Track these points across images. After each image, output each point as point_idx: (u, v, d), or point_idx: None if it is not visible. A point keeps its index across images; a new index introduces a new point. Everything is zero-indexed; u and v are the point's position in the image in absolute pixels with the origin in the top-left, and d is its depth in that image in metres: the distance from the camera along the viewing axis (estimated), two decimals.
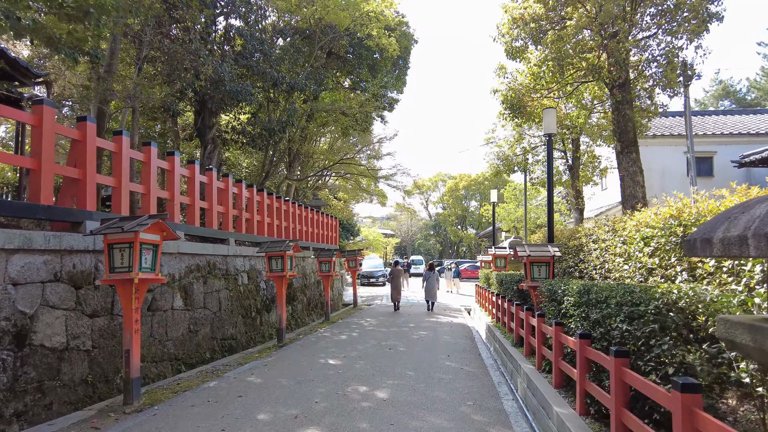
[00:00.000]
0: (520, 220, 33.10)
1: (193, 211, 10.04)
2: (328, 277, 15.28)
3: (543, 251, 9.32)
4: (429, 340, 11.00)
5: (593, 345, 5.32)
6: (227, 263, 11.11)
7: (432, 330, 12.73)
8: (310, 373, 7.52)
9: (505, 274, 13.17)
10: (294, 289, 15.43)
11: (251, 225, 12.95)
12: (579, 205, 16.09)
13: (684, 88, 10.08)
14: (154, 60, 12.10)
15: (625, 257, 6.92)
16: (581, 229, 9.69)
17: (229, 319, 10.78)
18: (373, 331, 12.36)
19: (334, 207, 32.41)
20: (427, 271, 18.11)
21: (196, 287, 9.65)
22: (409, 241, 74.92)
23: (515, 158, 18.54)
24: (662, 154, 19.78)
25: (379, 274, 36.09)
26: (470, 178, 66.96)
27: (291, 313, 14.79)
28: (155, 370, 8.13)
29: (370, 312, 17.79)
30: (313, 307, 17.43)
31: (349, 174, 20.32)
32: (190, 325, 9.34)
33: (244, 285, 11.83)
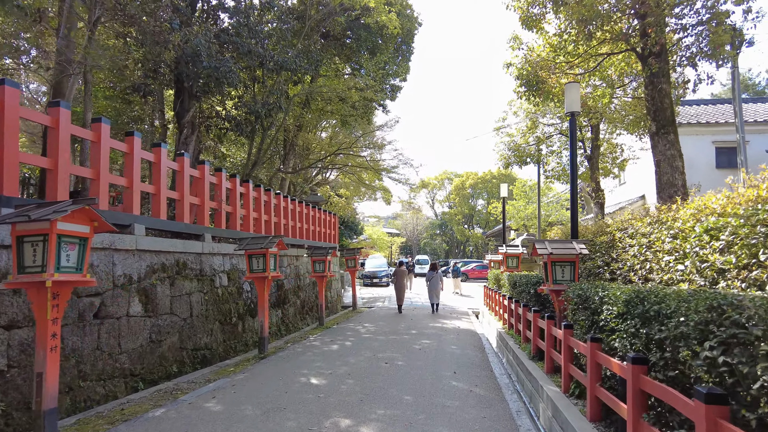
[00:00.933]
0: (530, 217, 31.60)
1: (158, 201, 8.67)
2: (322, 277, 13.88)
3: (567, 249, 7.86)
4: (432, 351, 9.57)
5: (653, 374, 3.89)
6: (202, 262, 9.74)
7: (436, 338, 11.30)
8: (284, 398, 6.12)
9: (518, 275, 11.73)
10: (285, 291, 14.05)
11: (233, 220, 11.58)
12: (599, 199, 14.59)
13: (731, 59, 8.58)
14: (125, 36, 10.77)
15: (678, 255, 5.46)
16: (612, 222, 8.22)
17: (202, 327, 9.41)
18: (369, 340, 10.95)
19: (335, 204, 31.04)
20: (430, 271, 17.14)
21: (160, 290, 8.28)
22: (414, 240, 73.46)
23: (528, 149, 17.07)
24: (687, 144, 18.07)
25: (382, 275, 34.68)
26: (477, 176, 65.46)
27: (281, 318, 13.42)
28: (102, 390, 6.76)
29: (370, 316, 16.38)
30: (308, 311, 16.05)
31: (350, 166, 18.86)
32: (151, 334, 7.96)
33: (222, 287, 10.45)
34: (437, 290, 16.90)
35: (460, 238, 65.68)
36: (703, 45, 8.48)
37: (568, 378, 6.28)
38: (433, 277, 16.80)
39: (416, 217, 74.56)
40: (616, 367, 4.44)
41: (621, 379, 4.44)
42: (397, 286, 17.30)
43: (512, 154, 17.01)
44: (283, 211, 14.85)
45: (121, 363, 7.24)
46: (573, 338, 6.10)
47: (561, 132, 16.56)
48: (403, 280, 17.38)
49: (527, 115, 16.54)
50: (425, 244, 71.24)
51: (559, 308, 7.80)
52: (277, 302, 13.34)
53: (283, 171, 17.37)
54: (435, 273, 16.88)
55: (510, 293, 12.34)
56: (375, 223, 62.07)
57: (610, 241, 7.87)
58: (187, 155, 9.52)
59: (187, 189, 9.55)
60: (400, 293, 17.14)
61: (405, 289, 17.56)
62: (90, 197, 5.78)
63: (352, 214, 32.44)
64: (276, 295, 13.31)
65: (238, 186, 11.65)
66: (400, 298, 17.12)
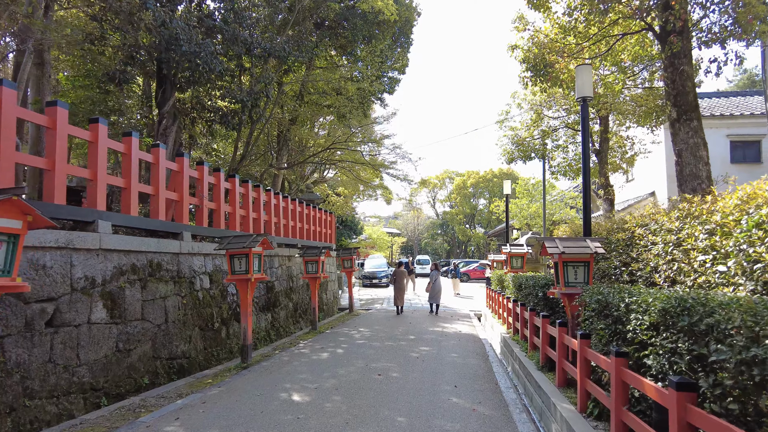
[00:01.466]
0: (534, 216, 30.73)
1: (128, 196, 7.87)
2: (315, 279, 13.07)
3: (581, 247, 7.03)
4: (431, 360, 8.75)
5: (705, 405, 3.08)
6: (179, 263, 8.93)
7: (436, 344, 10.48)
8: (258, 420, 5.31)
9: (524, 276, 10.91)
10: (276, 293, 13.25)
11: (217, 217, 10.78)
12: (608, 195, 13.75)
13: (762, 37, 7.73)
14: (102, 19, 9.97)
15: (717, 254, 4.64)
16: (631, 218, 7.40)
17: (179, 333, 8.60)
18: (363, 346, 10.14)
19: (333, 203, 30.25)
20: (433, 272, 16.68)
21: (130, 293, 7.48)
22: (415, 240, 72.64)
23: (532, 142, 16.24)
24: None
25: (382, 275, 33.87)
26: (479, 175, 64.69)
27: (270, 322, 12.61)
28: (54, 408, 5.96)
29: (367, 319, 15.57)
30: (301, 314, 15.25)
31: (347, 162, 17.99)
32: (118, 343, 7.16)
33: (204, 290, 9.65)
34: (439, 291, 16.51)
35: (462, 238, 64.83)
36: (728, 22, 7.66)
37: (584, 395, 5.47)
38: (436, 278, 16.41)
39: (417, 216, 73.75)
40: (652, 391, 3.62)
41: (658, 407, 3.62)
42: (397, 287, 16.84)
43: (516, 149, 16.19)
44: (274, 209, 14.05)
45: (80, 376, 6.43)
46: (591, 350, 5.30)
47: (567, 125, 15.73)
48: (403, 281, 16.92)
49: (532, 107, 15.71)
50: (426, 244, 70.45)
51: (572, 314, 6.98)
52: (267, 305, 12.54)
53: (275, 167, 16.55)
54: (437, 273, 16.50)
55: (515, 296, 11.52)
56: (375, 223, 61.27)
57: (629, 239, 7.05)
58: (164, 146, 8.72)
59: (163, 183, 8.74)
60: (400, 294, 16.69)
61: (405, 291, 17.12)
62: (18, 186, 4.97)
63: (350, 214, 31.63)
64: (265, 298, 12.51)
65: (222, 181, 10.85)
66: (400, 300, 16.66)
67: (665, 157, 17.08)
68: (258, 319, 11.88)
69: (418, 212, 73.99)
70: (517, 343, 10.04)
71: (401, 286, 16.79)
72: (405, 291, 17.04)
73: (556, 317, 8.23)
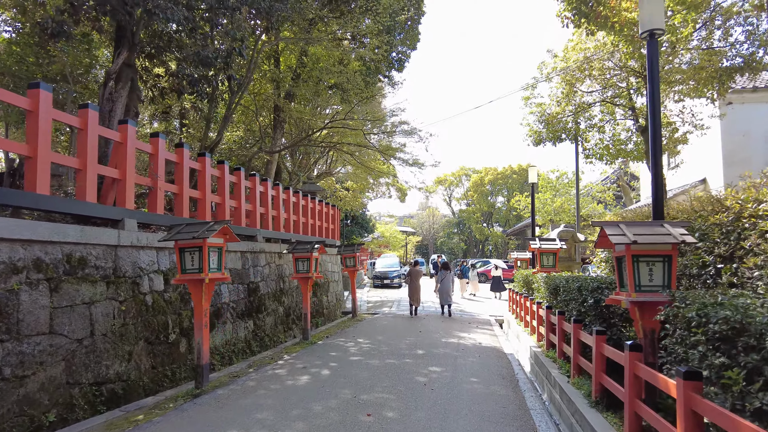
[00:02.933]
0: (558, 211, 28.30)
1: (34, 168, 5.86)
2: (306, 279, 11.00)
3: (658, 235, 4.81)
4: (444, 388, 6.60)
5: None
6: (118, 258, 6.92)
7: (450, 362, 8.32)
8: None
9: (561, 277, 8.67)
10: (260, 296, 11.21)
11: (179, 203, 8.77)
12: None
13: None
14: None
15: None
16: (730, 195, 5.13)
17: (113, 350, 6.58)
18: (357, 365, 8.02)
19: (341, 198, 28.24)
20: (442, 271, 15.97)
21: (28, 298, 5.47)
22: (431, 239, 70.36)
23: (564, 120, 13.95)
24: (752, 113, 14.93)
25: (394, 275, 31.74)
26: (497, 172, 62.17)
27: (252, 330, 10.56)
28: None
29: (371, 326, 13.46)
30: (295, 320, 13.19)
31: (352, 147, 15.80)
32: (2, 367, 5.15)
33: (155, 293, 7.62)
34: (449, 291, 15.82)
35: (479, 237, 62.34)
36: None
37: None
38: (445, 277, 15.75)
39: (432, 215, 71.46)
40: None
41: None
42: (412, 288, 15.90)
43: (544, 129, 13.91)
44: (261, 198, 12.02)
45: None
46: (705, 400, 3.09)
47: (605, 101, 13.40)
48: (418, 281, 15.92)
49: (563, 80, 13.41)
50: (442, 243, 68.13)
51: (648, 332, 4.78)
52: (248, 311, 10.49)
53: (266, 150, 14.51)
54: (447, 273, 15.84)
55: (548, 301, 9.31)
56: (389, 221, 59.08)
57: (732, 223, 4.82)
58: (94, 107, 6.70)
59: (94, 155, 6.73)
60: (415, 295, 15.76)
61: (420, 291, 16.12)
62: None
63: (359, 207, 29.52)
64: (246, 303, 10.47)
65: (186, 159, 8.82)
66: (416, 301, 15.82)
67: (720, 137, 14.62)
68: (234, 328, 9.84)
69: (433, 211, 71.69)
70: (553, 361, 7.84)
71: (416, 286, 15.81)
72: (421, 291, 16.08)
73: (613, 333, 6.06)
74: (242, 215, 10.89)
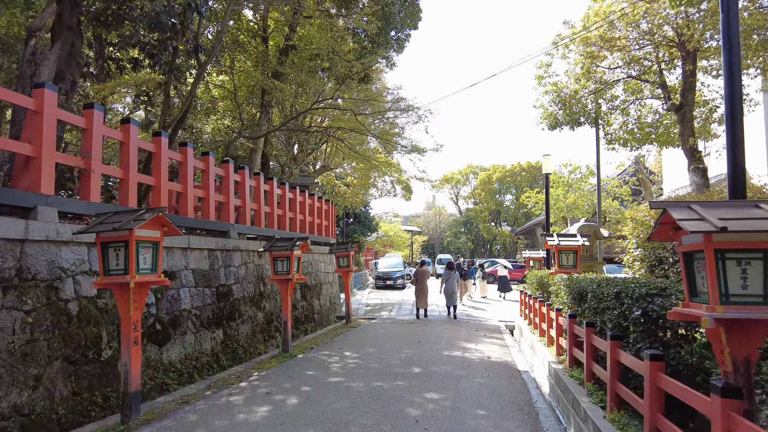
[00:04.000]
0: (571, 208, 26.59)
1: None
2: (286, 281, 9.46)
3: (756, 220, 3.21)
4: (440, 426, 5.03)
5: None
6: (24, 257, 5.42)
7: (452, 384, 6.75)
8: None
9: (586, 280, 7.07)
10: (233, 301, 9.70)
11: (124, 191, 7.26)
12: (699, 164, 9.74)
13: None
14: None
15: None
16: None
17: (10, 375, 5.07)
18: (336, 389, 6.47)
19: (341, 194, 26.75)
20: (447, 271, 15.30)
21: None
22: (437, 239, 68.73)
23: (582, 103, 12.33)
24: None
25: (397, 276, 30.15)
26: (504, 169, 60.41)
27: (221, 342, 9.04)
28: None
29: (364, 334, 11.92)
30: (278, 327, 11.66)
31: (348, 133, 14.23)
32: None
33: (83, 299, 6.11)
34: (455, 292, 15.19)
35: (487, 236, 60.58)
36: None
37: None
38: (449, 277, 15.06)
39: (439, 214, 69.82)
40: None
41: None
42: (418, 289, 15.21)
43: (560, 110, 12.29)
44: (237, 189, 10.53)
45: None
46: None
47: (631, 77, 11.76)
48: (425, 282, 15.14)
49: (583, 54, 11.78)
50: (449, 243, 66.47)
51: (743, 364, 3.20)
52: (215, 319, 8.98)
53: (247, 135, 12.98)
54: (452, 273, 15.14)
55: (570, 308, 7.72)
56: (395, 220, 57.48)
57: None
58: None
59: None
60: (422, 297, 15.04)
61: (428, 293, 15.34)
62: None
63: (360, 204, 27.98)
64: (213, 309, 8.95)
65: (135, 138, 7.31)
66: (422, 303, 15.10)
67: (764, 117, 12.88)
68: (197, 340, 8.33)
69: (440, 209, 70.06)
70: (579, 383, 6.27)
71: (423, 287, 15.06)
72: (428, 293, 15.29)
73: (669, 356, 4.50)
74: (211, 207, 9.38)
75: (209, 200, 9.35)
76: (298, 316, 12.77)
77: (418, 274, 15.43)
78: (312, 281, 14.16)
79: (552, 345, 8.87)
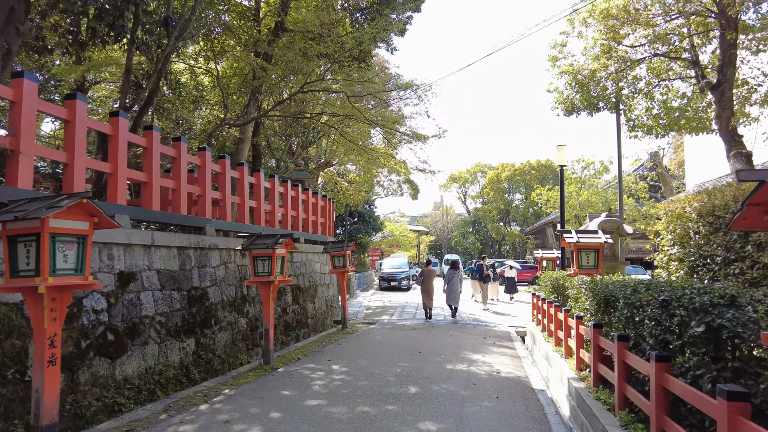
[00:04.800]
0: (584, 206, 25.26)
1: None
2: (267, 284, 8.33)
3: None
4: None
5: None
6: None
7: (454, 410, 5.59)
8: None
9: (616, 283, 5.87)
10: (209, 306, 8.60)
11: (70, 178, 6.17)
12: (740, 148, 8.47)
13: None
14: None
15: None
16: None
17: None
18: (312, 417, 5.32)
19: (343, 191, 25.63)
20: (450, 270, 14.84)
21: None
22: (444, 239, 67.46)
23: (601, 86, 11.11)
24: None
25: (402, 276, 29.02)
26: (514, 168, 58.99)
27: (194, 352, 7.94)
28: None
29: (359, 342, 10.79)
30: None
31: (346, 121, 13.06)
32: None
33: (1, 306, 5.03)
34: (457, 293, 14.83)
35: (496, 236, 59.18)
36: None
37: None
38: (453, 277, 14.59)
39: (446, 214, 68.54)
40: None
41: None
42: (424, 289, 14.81)
43: (577, 94, 11.08)
44: (216, 181, 9.44)
45: None
46: None
47: (658, 54, 10.52)
48: (431, 282, 14.78)
49: (602, 32, 10.56)
50: (456, 243, 65.19)
51: None
52: (186, 326, 7.87)
53: (231, 123, 11.88)
54: (455, 273, 14.65)
55: (594, 316, 6.55)
56: (399, 219, 56.31)
57: None
58: None
59: None
60: (428, 298, 14.67)
61: (434, 293, 14.97)
62: None
63: (362, 201, 26.85)
64: (183, 315, 7.85)
65: (82, 116, 6.23)
66: (427, 305, 14.72)
67: None
68: (162, 351, 7.23)
69: (447, 209, 68.79)
70: (609, 409, 5.12)
71: (429, 287, 14.68)
72: (434, 293, 14.93)
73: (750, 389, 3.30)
74: (182, 200, 8.28)
75: (180, 192, 8.25)
76: (288, 321, 11.65)
77: (424, 274, 15.03)
78: (305, 283, 13.05)
79: (570, 357, 7.70)
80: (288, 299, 11.78)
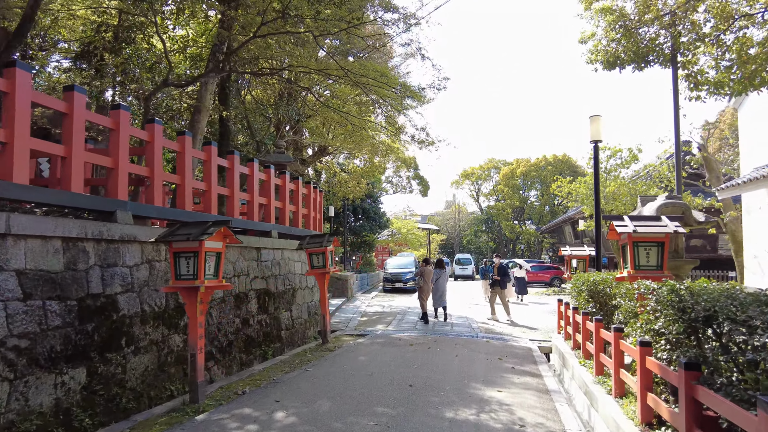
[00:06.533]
0: (609, 199, 22.44)
1: None
2: (192, 291, 5.90)
3: None
4: None
5: None
6: None
7: None
8: None
9: (728, 295, 3.35)
10: (118, 320, 6.19)
11: None
12: None
13: None
14: None
15: None
16: None
17: None
18: None
19: (342, 182, 23.28)
20: (437, 270, 14.14)
21: None
22: (456, 237, 64.82)
23: (651, 35, 8.54)
24: None
25: (408, 277, 26.58)
26: (529, 163, 56.22)
27: (82, 389, 5.53)
28: None
29: (333, 366, 8.33)
30: (213, 352, 8.12)
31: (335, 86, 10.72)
32: None
33: None
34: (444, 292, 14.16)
35: (509, 235, 56.35)
36: None
37: None
38: (440, 276, 14.08)
39: (458, 212, 65.90)
40: None
41: None
42: (421, 290, 14.06)
43: (622, 43, 8.51)
44: (141, 153, 7.05)
45: None
46: None
47: None
48: (429, 283, 13.99)
49: None
50: (469, 242, 62.48)
51: None
52: (74, 351, 5.47)
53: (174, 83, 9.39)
54: (442, 272, 14.15)
55: (677, 343, 4.07)
56: (409, 217, 53.76)
57: None
58: None
59: None
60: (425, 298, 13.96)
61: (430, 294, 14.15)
62: None
63: (364, 191, 24.41)
64: (70, 335, 5.45)
65: None
66: (423, 306, 13.96)
67: None
68: (20, 391, 4.84)
69: (459, 207, 66.16)
70: None
71: (427, 288, 13.92)
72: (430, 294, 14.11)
73: None
74: (74, 173, 5.88)
75: (71, 162, 5.86)
76: (251, 335, 9.23)
77: (423, 274, 14.03)
78: (279, 287, 10.63)
79: (627, 398, 5.23)
80: (251, 307, 9.37)
